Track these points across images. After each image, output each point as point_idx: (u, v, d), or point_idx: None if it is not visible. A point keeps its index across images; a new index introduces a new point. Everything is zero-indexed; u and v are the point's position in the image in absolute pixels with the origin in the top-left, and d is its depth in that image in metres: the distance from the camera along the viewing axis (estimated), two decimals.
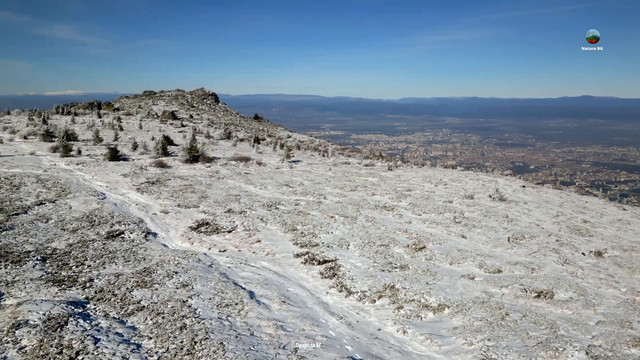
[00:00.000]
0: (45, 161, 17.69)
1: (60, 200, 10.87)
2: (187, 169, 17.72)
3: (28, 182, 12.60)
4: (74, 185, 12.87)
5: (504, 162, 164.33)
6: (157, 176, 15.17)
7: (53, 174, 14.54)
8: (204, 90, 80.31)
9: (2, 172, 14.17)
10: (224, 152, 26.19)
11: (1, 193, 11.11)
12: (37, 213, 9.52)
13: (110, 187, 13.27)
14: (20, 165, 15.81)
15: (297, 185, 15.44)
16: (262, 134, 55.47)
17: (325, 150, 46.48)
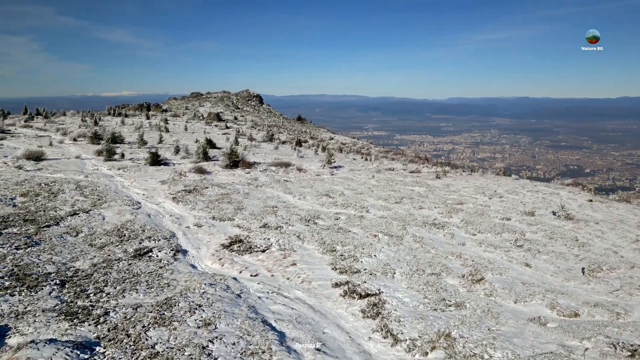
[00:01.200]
0: (88, 165, 17.83)
1: (95, 210, 10.58)
2: (226, 175, 17.30)
3: (67, 189, 12.51)
4: (111, 192, 12.65)
5: (556, 165, 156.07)
6: (195, 183, 14.78)
7: (93, 180, 14.48)
8: (249, 91, 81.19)
9: (45, 177, 14.25)
10: (264, 156, 25.77)
11: (38, 201, 10.99)
12: (68, 225, 9.21)
13: (147, 195, 12.97)
14: (64, 169, 15.92)
15: (338, 195, 14.57)
16: (304, 136, 55.07)
17: (368, 153, 45.36)
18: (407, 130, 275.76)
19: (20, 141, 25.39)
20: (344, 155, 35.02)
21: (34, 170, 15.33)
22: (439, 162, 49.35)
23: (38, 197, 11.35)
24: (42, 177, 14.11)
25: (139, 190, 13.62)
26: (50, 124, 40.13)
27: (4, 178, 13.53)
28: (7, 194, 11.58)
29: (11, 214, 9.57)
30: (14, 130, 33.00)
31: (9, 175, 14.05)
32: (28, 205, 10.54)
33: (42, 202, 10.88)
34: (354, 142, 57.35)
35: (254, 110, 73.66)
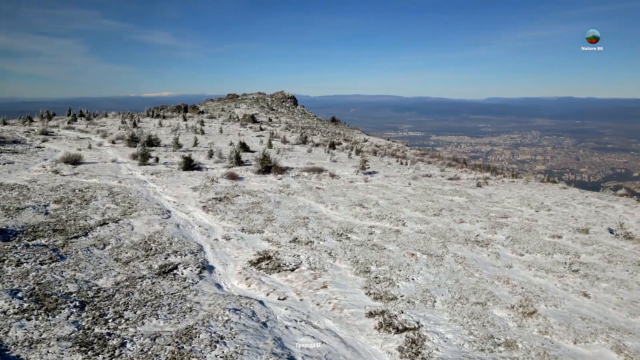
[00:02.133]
0: (123, 169, 17.95)
1: (125, 219, 10.43)
2: (258, 181, 16.98)
3: (99, 196, 12.48)
4: (143, 200, 12.53)
5: (602, 168, 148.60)
6: (226, 191, 14.52)
7: (126, 186, 14.47)
8: (284, 93, 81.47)
9: (80, 182, 14.36)
10: (297, 160, 25.39)
11: (70, 209, 10.95)
12: (96, 236, 9.05)
13: (177, 203, 12.78)
14: (99, 174, 16.05)
15: (372, 205, 13.92)
16: (337, 138, 54.50)
17: (403, 156, 44.28)
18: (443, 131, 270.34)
19: (62, 143, 26.11)
20: (379, 158, 34.22)
21: (70, 175, 15.51)
22: (478, 166, 47.53)
23: (70, 205, 11.34)
24: (77, 182, 14.22)
25: (170, 198, 13.46)
26: (91, 126, 41.37)
27: (41, 183, 13.70)
28: (41, 200, 11.64)
29: (42, 223, 9.52)
30: (56, 132, 34.12)
31: (46, 180, 14.24)
32: (60, 213, 10.51)
33: (73, 210, 10.84)
34: (389, 144, 56.27)
35: (288, 111, 73.75)
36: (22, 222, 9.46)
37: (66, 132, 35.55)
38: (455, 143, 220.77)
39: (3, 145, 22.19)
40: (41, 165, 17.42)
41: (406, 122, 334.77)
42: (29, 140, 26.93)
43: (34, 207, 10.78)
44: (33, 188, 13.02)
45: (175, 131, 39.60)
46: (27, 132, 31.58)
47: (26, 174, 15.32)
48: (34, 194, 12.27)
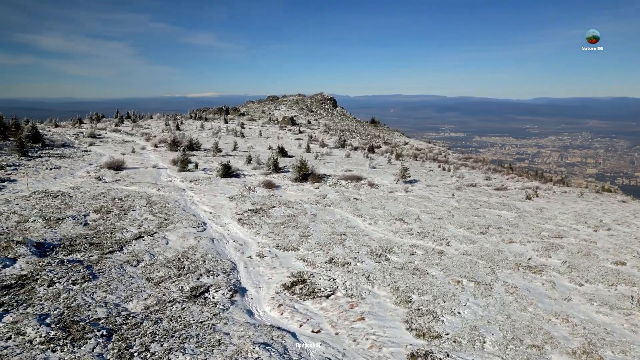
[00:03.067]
0: (163, 176, 18.12)
1: (160, 232, 10.33)
2: (295, 190, 16.65)
3: (137, 206, 12.52)
4: (179, 211, 12.46)
5: None
6: (263, 201, 14.27)
7: (164, 194, 14.51)
8: (323, 94, 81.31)
9: (120, 190, 14.52)
10: (335, 166, 24.92)
11: (108, 220, 11.00)
12: (131, 251, 8.96)
13: (213, 214, 12.62)
14: (139, 181, 16.23)
15: (413, 220, 13.23)
16: (377, 141, 53.61)
17: (445, 161, 42.88)
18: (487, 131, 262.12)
19: (107, 147, 26.88)
20: (420, 164, 33.20)
21: (111, 182, 15.77)
22: (525, 172, 45.19)
23: (109, 215, 11.40)
24: (117, 190, 14.40)
25: (207, 208, 13.34)
26: (137, 128, 42.63)
27: (83, 191, 13.95)
28: (81, 209, 11.79)
29: (79, 236, 9.55)
30: (104, 135, 35.33)
31: (88, 187, 14.51)
32: (98, 224, 10.56)
33: (111, 221, 10.87)
34: (430, 148, 54.77)
35: (328, 113, 73.46)
36: (61, 234, 9.52)
37: (113, 134, 36.77)
38: (499, 144, 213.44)
39: (52, 149, 23.04)
40: (85, 170, 17.87)
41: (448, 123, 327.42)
42: (77, 143, 27.92)
43: (74, 218, 10.89)
44: (75, 196, 13.26)
45: (216, 134, 40.15)
46: (76, 134, 32.86)
47: (70, 180, 15.70)
48: (75, 202, 12.47)
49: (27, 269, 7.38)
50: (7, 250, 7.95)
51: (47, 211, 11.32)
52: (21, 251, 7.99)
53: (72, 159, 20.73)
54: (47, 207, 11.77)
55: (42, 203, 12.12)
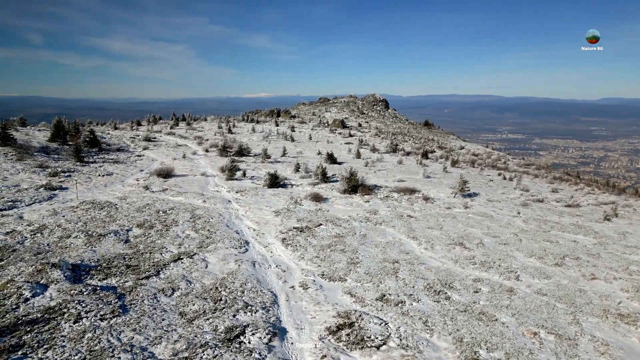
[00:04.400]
0: (211, 185, 17.82)
1: (200, 253, 9.76)
2: (343, 204, 15.71)
3: (181, 220, 12.11)
4: (222, 227, 11.91)
5: None
6: (309, 217, 13.45)
7: (209, 207, 14.08)
8: (375, 96, 79.75)
9: (166, 201, 14.26)
10: (387, 175, 23.71)
11: (149, 237, 10.61)
12: (168, 277, 8.40)
13: (257, 232, 11.95)
14: (186, 191, 15.95)
15: (475, 244, 11.86)
16: (431, 145, 51.48)
17: (505, 168, 40.25)
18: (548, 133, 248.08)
19: (160, 151, 27.26)
20: (478, 171, 31.16)
21: (158, 192, 15.59)
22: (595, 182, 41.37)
23: (151, 231, 11.02)
24: (163, 201, 14.14)
25: (251, 223, 12.72)
26: (190, 131, 43.47)
27: (130, 201, 13.79)
28: (125, 223, 11.52)
29: (118, 256, 9.15)
30: (158, 138, 36.15)
31: (135, 197, 14.36)
32: (138, 242, 10.17)
33: (152, 239, 10.46)
34: (488, 153, 51.79)
35: (379, 115, 71.90)
36: (100, 254, 9.18)
37: (167, 137, 37.60)
38: (562, 147, 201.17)
39: (108, 154, 23.57)
40: (135, 178, 17.93)
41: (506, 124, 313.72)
42: (132, 147, 28.56)
43: (116, 233, 10.60)
44: (121, 207, 13.10)
45: (266, 138, 40.05)
46: (132, 137, 33.79)
47: (120, 189, 15.70)
48: (120, 215, 12.26)
49: (57, 298, 6.97)
50: (40, 275, 7.62)
51: (91, 225, 11.14)
52: (55, 276, 7.63)
53: (125, 165, 21.01)
54: (92, 219, 11.61)
55: (88, 215, 12.00)
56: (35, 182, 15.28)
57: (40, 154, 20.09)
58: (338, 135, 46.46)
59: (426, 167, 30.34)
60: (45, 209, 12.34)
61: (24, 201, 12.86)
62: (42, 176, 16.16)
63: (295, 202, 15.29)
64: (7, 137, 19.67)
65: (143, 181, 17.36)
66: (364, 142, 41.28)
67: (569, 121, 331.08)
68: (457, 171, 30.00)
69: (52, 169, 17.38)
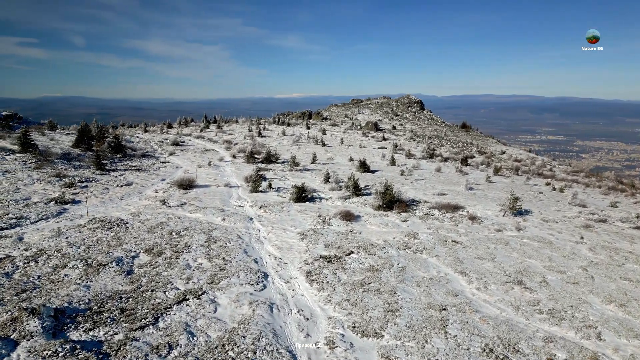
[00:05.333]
0: (234, 197, 16.50)
1: (210, 292, 8.31)
2: (377, 224, 13.97)
3: (194, 245, 10.74)
4: (240, 254, 10.44)
5: None
6: (338, 241, 11.80)
7: (229, 226, 12.68)
8: (410, 97, 77.12)
9: (182, 218, 12.96)
10: (425, 185, 21.75)
11: (156, 266, 9.26)
12: (167, 326, 6.97)
13: (279, 261, 10.42)
14: (205, 206, 14.65)
15: (538, 283, 9.89)
16: (469, 149, 48.73)
17: (551, 176, 37.29)
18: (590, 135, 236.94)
19: (186, 157, 26.29)
20: (523, 181, 28.63)
21: (175, 207, 14.35)
22: None
23: (159, 259, 9.69)
24: (178, 219, 12.85)
25: (273, 249, 11.21)
26: (220, 134, 42.68)
27: (143, 219, 12.58)
28: (132, 248, 10.25)
29: (114, 294, 7.82)
30: (187, 142, 35.40)
31: (150, 214, 13.14)
32: (142, 275, 8.83)
33: (158, 270, 9.11)
34: (532, 159, 48.49)
35: (414, 117, 69.30)
36: (94, 292, 7.87)
37: (196, 141, 36.85)
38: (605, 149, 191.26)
39: (132, 160, 22.72)
40: (155, 189, 16.81)
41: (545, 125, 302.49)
42: (159, 152, 27.76)
43: (119, 262, 9.32)
44: (132, 227, 11.88)
45: (297, 142, 38.71)
46: (161, 141, 33.14)
47: (135, 203, 14.57)
48: (129, 236, 11.02)
49: None
50: (14, 325, 6.34)
51: (94, 250, 9.92)
52: (30, 327, 6.33)
53: (147, 173, 20.02)
54: (96, 242, 10.41)
55: (94, 237, 10.82)
56: (48, 194, 14.35)
57: (62, 161, 19.36)
58: (371, 139, 44.59)
59: (467, 175, 28.10)
60: (50, 227, 11.26)
61: (30, 218, 11.84)
62: (57, 187, 15.25)
63: (324, 221, 13.69)
64: (28, 144, 19.02)
65: (162, 193, 16.21)
66: (398, 147, 39.24)
67: (612, 122, 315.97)
68: (501, 180, 27.61)
69: (69, 178, 16.50)
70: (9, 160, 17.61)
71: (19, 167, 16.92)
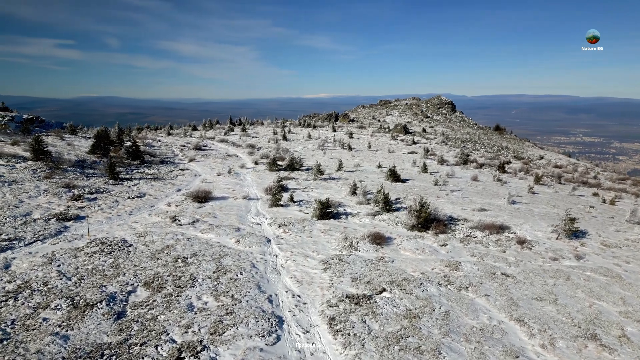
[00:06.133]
0: (252, 213, 15.07)
1: (211, 348, 6.80)
2: (412, 249, 12.20)
3: (201, 277, 9.30)
4: (253, 290, 8.93)
5: None
6: (368, 274, 10.11)
7: (243, 250, 11.21)
8: (440, 98, 74.34)
9: (192, 239, 11.57)
10: (461, 198, 19.78)
11: (153, 306, 7.84)
12: None
13: (298, 299, 8.84)
14: (220, 224, 13.25)
15: (615, 338, 7.95)
16: (505, 154, 45.99)
17: (597, 184, 34.41)
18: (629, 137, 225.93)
19: (207, 163, 25.14)
20: (569, 191, 26.11)
21: (187, 225, 13.00)
22: None
23: (157, 296, 8.28)
24: (188, 241, 11.45)
25: (291, 282, 9.64)
26: (244, 137, 41.59)
27: (148, 241, 11.25)
28: (129, 280, 8.89)
29: (95, 350, 6.41)
30: (210, 146, 34.38)
31: (156, 235, 11.80)
32: (133, 319, 7.41)
33: (155, 312, 7.68)
34: (574, 165, 45.30)
35: (445, 119, 66.59)
36: (72, 347, 6.49)
37: (219, 145, 35.81)
38: None
39: (149, 168, 21.66)
40: (167, 202, 15.56)
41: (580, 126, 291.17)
42: (180, 157, 26.73)
43: (112, 300, 7.95)
44: (135, 250, 10.57)
45: (322, 146, 37.17)
46: (183, 146, 32.21)
47: (144, 220, 13.30)
48: (128, 264, 9.69)
49: None
50: None
51: (86, 282, 8.61)
52: None
53: (163, 182, 18.85)
54: (91, 272, 9.10)
55: (90, 264, 9.54)
56: (52, 208, 13.25)
57: (74, 169, 18.40)
58: (400, 143, 42.56)
59: (506, 185, 25.86)
60: (44, 251, 10.05)
61: (25, 239, 10.68)
62: (63, 200, 14.17)
63: (350, 244, 12.04)
64: (41, 150, 18.14)
65: (174, 207, 14.93)
66: (430, 152, 37.12)
67: None
68: (544, 191, 25.24)
69: (78, 189, 15.44)
70: (19, 169, 16.73)
71: (27, 176, 15.99)
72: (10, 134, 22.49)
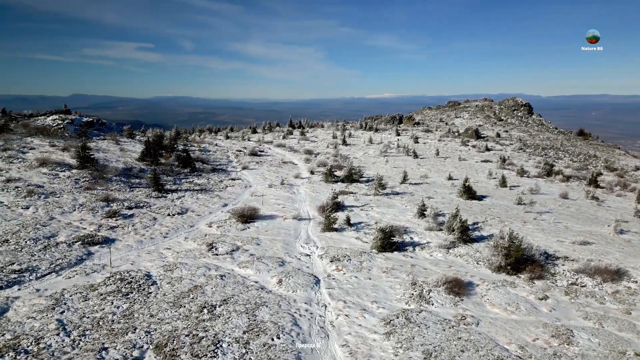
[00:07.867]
0: (301, 239, 12.96)
1: None
2: (502, 304, 9.38)
3: (227, 339, 7.36)
4: None
5: None
6: (445, 350, 7.52)
7: (285, 296, 9.09)
8: (516, 100, 68.29)
9: (227, 276, 9.62)
10: (554, 223, 16.35)
11: None
12: None
13: None
14: (262, 255, 11.26)
15: None
16: (595, 163, 40.41)
17: None
18: None
19: (260, 172, 23.54)
20: None
21: (224, 255, 11.12)
22: None
23: None
24: (221, 279, 9.53)
25: (342, 353, 7.32)
26: (303, 141, 40.01)
27: (174, 278, 9.46)
28: (140, 339, 7.05)
29: None
30: (267, 150, 33.03)
31: (186, 269, 10.00)
32: None
33: None
34: None
35: (521, 122, 60.81)
36: None
37: (276, 150, 34.40)
38: None
39: (199, 177, 20.34)
40: (209, 222, 13.90)
41: None
42: (233, 164, 25.42)
43: None
44: (157, 290, 8.82)
45: (384, 152, 34.49)
46: (239, 151, 31.08)
47: (177, 246, 11.63)
48: (144, 312, 7.91)
49: None
50: None
51: (85, 342, 6.88)
52: None
53: (210, 195, 17.34)
54: (96, 325, 7.39)
55: (99, 310, 7.88)
56: (82, 227, 12.00)
57: (120, 178, 17.39)
58: (472, 149, 38.70)
59: (604, 205, 21.71)
60: (54, 289, 8.58)
61: (39, 270, 9.32)
62: (97, 217, 12.94)
63: (420, 294, 9.49)
64: (87, 158, 17.29)
65: (215, 229, 13.20)
66: (506, 161, 33.09)
67: None
68: None
69: (117, 203, 14.22)
70: (62, 178, 15.89)
71: (67, 187, 15.05)
72: (66, 138, 22.22)
